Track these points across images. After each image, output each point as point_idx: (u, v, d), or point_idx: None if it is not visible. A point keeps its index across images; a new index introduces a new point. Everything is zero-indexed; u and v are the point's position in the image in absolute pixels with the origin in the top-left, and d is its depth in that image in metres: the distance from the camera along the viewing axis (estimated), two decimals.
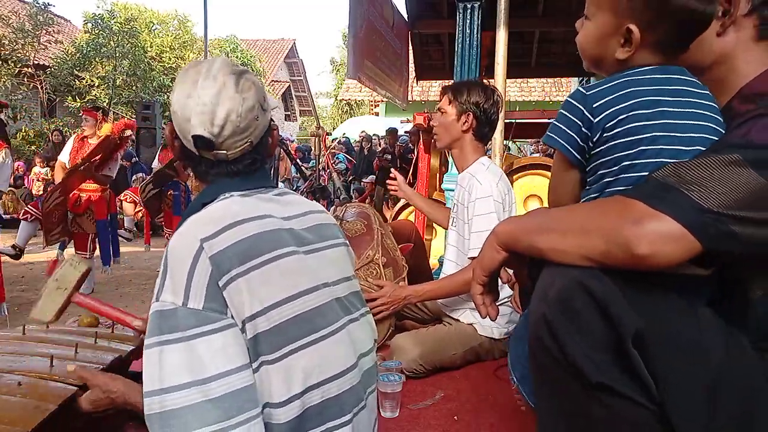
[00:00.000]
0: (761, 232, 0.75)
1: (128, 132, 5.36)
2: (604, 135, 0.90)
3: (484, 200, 1.96)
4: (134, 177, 6.06)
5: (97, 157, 4.31)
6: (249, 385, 0.88)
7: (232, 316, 0.89)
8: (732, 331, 0.81)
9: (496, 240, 0.97)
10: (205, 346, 0.86)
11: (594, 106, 0.91)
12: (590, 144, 0.92)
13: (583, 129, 0.92)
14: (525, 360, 1.12)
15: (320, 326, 0.98)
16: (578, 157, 0.95)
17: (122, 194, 5.11)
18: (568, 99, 0.96)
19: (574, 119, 0.93)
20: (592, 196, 0.94)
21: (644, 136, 0.87)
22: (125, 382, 1.13)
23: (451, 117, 2.11)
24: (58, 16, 14.71)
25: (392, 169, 2.71)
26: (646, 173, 0.86)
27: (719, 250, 0.76)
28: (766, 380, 0.79)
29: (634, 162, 0.88)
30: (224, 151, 1.02)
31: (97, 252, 4.55)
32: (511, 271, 1.08)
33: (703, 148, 0.86)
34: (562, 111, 0.96)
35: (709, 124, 0.89)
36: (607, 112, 0.89)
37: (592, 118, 0.91)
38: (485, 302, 1.03)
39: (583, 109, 0.92)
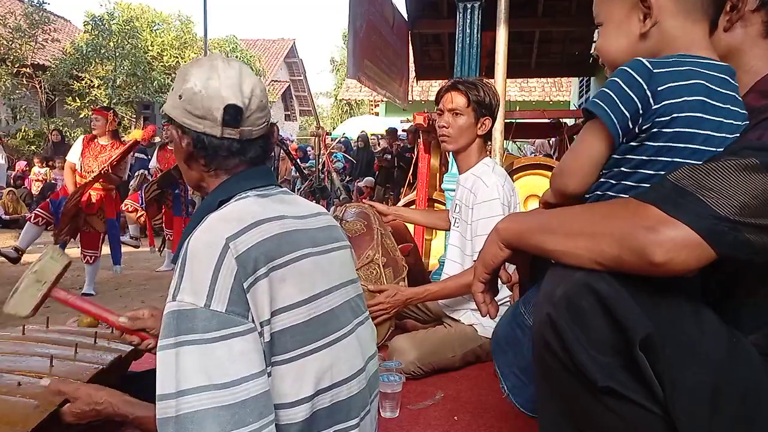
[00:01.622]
0: None
1: (157, 138, 5.33)
2: (654, 126, 0.81)
3: (491, 203, 1.95)
4: (136, 173, 6.01)
5: (116, 159, 4.32)
6: (266, 391, 0.86)
7: (253, 320, 0.87)
8: (734, 332, 0.81)
9: (498, 237, 0.95)
10: (226, 350, 0.83)
11: (659, 89, 0.80)
12: (636, 130, 0.83)
13: (639, 110, 0.81)
14: (517, 369, 1.10)
15: (333, 329, 0.97)
16: (621, 138, 0.84)
17: (122, 204, 5.10)
18: (627, 69, 0.83)
19: (633, 96, 0.81)
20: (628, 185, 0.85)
21: (693, 145, 0.80)
22: (110, 392, 1.09)
23: (470, 121, 2.05)
24: (58, 16, 14.71)
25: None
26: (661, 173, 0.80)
27: (734, 257, 0.75)
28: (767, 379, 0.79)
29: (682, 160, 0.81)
30: (249, 127, 1.02)
31: (105, 251, 4.54)
32: (512, 270, 1.08)
33: None
34: (618, 81, 0.83)
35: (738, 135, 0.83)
36: (669, 101, 0.80)
37: (652, 102, 0.81)
38: (485, 300, 1.02)
39: (645, 87, 0.81)
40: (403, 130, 9.18)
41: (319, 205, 1.25)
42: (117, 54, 12.74)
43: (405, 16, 4.68)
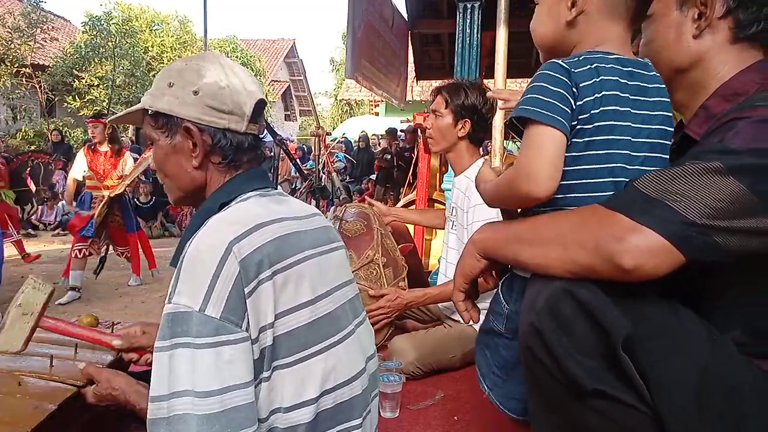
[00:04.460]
0: (743, 240, 0.74)
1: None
2: (578, 123, 0.88)
3: (484, 205, 1.94)
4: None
5: None
6: (249, 403, 0.84)
7: (247, 328, 0.85)
8: (714, 331, 0.81)
9: (475, 249, 0.97)
10: (213, 358, 0.82)
11: (581, 85, 0.87)
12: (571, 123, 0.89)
13: (573, 105, 0.87)
14: (495, 367, 1.11)
15: (335, 330, 0.97)
16: (570, 134, 0.88)
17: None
18: (548, 72, 0.88)
19: (563, 92, 0.87)
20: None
21: (607, 137, 0.88)
22: (128, 380, 1.12)
23: (447, 121, 2.06)
24: (57, 16, 14.70)
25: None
26: (592, 167, 0.88)
27: (704, 260, 0.75)
28: (751, 376, 0.79)
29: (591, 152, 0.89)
30: (262, 123, 1.05)
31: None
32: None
33: (651, 155, 0.89)
34: (543, 84, 0.88)
35: (660, 127, 0.91)
36: (587, 98, 0.87)
37: (578, 97, 0.87)
38: (467, 308, 1.04)
39: (570, 83, 0.87)
40: (402, 131, 9.18)
41: (317, 205, 1.25)
42: (116, 54, 12.75)
43: (405, 16, 4.68)
